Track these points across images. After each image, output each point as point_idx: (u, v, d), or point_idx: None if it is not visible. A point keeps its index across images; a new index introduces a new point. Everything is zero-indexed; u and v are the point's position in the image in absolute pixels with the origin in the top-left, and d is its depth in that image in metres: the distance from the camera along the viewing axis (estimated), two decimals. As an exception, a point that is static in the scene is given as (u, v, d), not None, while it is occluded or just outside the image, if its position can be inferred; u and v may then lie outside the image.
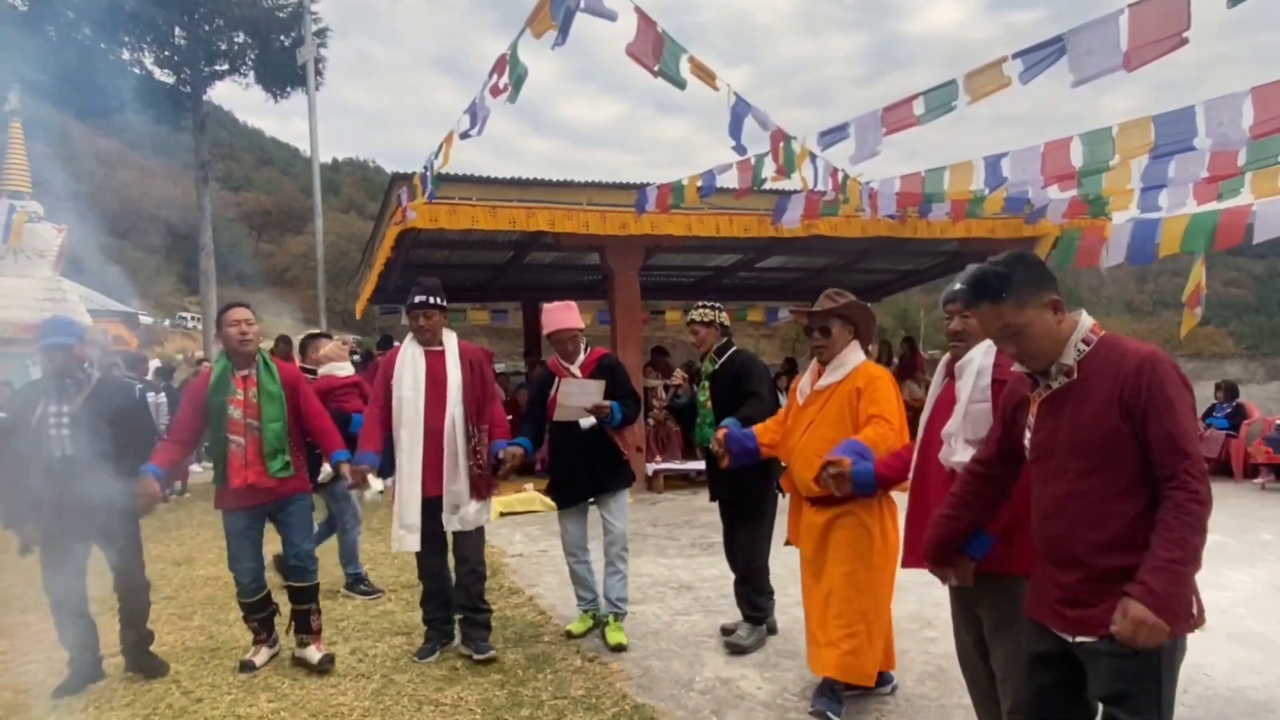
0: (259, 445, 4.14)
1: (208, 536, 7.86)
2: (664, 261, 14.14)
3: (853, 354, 3.64)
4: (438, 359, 4.38)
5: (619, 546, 4.67)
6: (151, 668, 4.23)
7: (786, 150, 6.34)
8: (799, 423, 3.71)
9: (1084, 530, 2.05)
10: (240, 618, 5.11)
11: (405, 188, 8.72)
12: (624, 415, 4.56)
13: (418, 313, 4.35)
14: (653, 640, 4.59)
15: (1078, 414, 2.07)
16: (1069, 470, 2.07)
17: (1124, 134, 4.79)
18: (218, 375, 4.23)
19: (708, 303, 4.69)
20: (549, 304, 4.75)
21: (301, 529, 4.31)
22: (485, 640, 4.38)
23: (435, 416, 4.27)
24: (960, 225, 10.22)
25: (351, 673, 4.18)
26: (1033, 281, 2.12)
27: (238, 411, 4.15)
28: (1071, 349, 2.12)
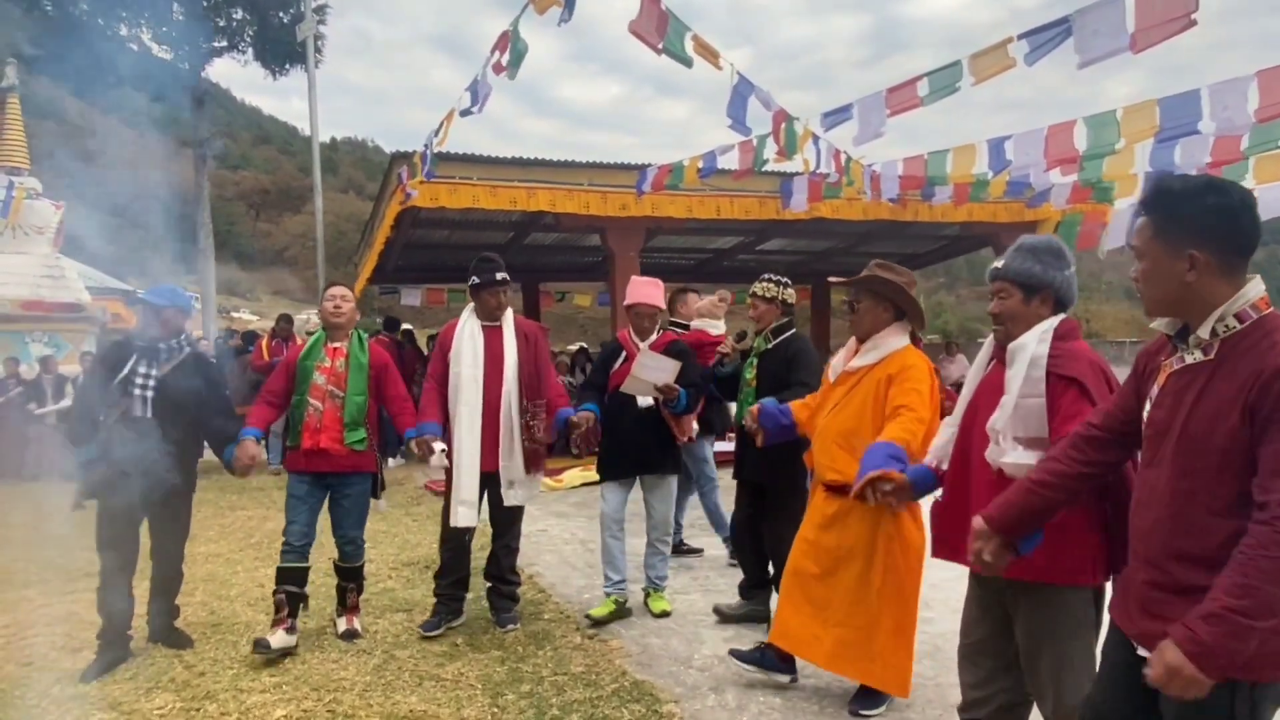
0: (338, 413, 4.24)
1: (208, 514, 7.88)
2: (665, 243, 14.14)
3: (893, 337, 3.35)
4: (496, 335, 4.42)
5: (661, 531, 4.71)
6: (178, 640, 4.29)
7: (789, 131, 6.32)
8: (825, 402, 3.53)
9: (1174, 532, 1.77)
10: (242, 594, 5.18)
11: (405, 166, 8.69)
12: (688, 403, 4.53)
13: (496, 289, 4.40)
14: (652, 619, 4.62)
15: (1201, 402, 1.74)
16: (1176, 462, 1.78)
17: (1128, 117, 4.78)
18: (312, 343, 4.37)
19: (774, 276, 4.46)
20: (638, 277, 4.77)
21: (355, 516, 4.37)
22: (510, 611, 4.48)
23: (493, 392, 4.32)
24: (962, 209, 10.22)
25: (353, 648, 4.21)
26: (1191, 223, 1.75)
27: (322, 378, 4.27)
28: (1215, 320, 1.75)
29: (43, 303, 13.40)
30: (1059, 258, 2.50)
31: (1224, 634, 1.59)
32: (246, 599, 5.08)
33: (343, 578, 4.47)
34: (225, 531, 7.12)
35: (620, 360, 4.66)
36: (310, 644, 4.28)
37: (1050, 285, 2.46)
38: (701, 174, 7.83)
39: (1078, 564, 2.29)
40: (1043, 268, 2.47)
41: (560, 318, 32.40)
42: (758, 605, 4.56)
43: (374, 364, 4.39)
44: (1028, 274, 2.47)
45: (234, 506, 8.11)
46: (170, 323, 4.16)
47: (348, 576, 4.46)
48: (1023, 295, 2.47)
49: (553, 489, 8.75)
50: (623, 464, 4.64)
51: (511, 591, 4.56)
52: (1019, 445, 2.33)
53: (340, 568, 4.47)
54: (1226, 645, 1.59)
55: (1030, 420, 2.33)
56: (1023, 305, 2.47)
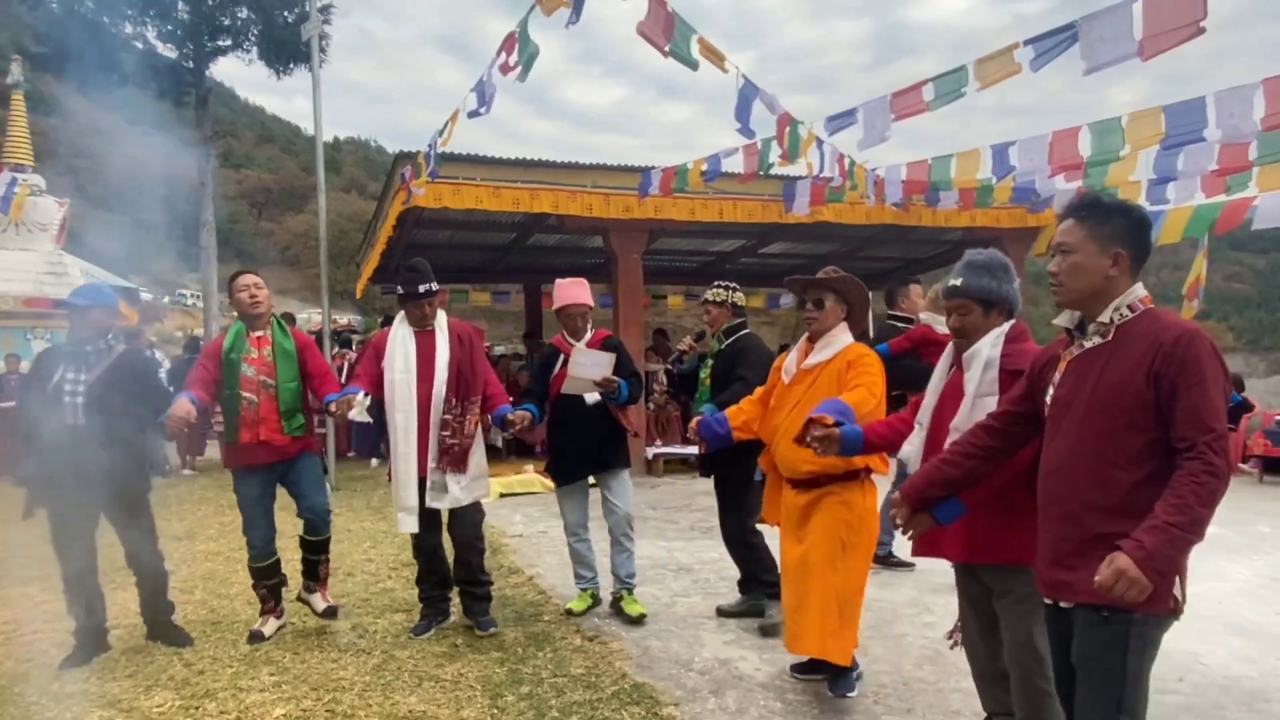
0: (274, 403, 4.21)
1: (209, 512, 7.89)
2: (667, 246, 14.12)
3: (842, 335, 3.61)
4: (428, 339, 4.38)
5: (624, 527, 4.71)
6: (175, 638, 4.28)
7: (793, 135, 6.31)
8: (784, 401, 3.65)
9: (1084, 488, 2.06)
10: (241, 592, 5.18)
11: (409, 166, 8.69)
12: (629, 393, 4.58)
13: (420, 303, 4.31)
14: (652, 621, 4.62)
15: (1104, 375, 2.07)
16: (1083, 428, 2.08)
17: (1134, 124, 4.78)
18: (233, 335, 4.31)
19: (723, 283, 4.70)
20: (561, 279, 4.77)
21: (314, 482, 4.37)
22: (486, 614, 4.43)
23: (424, 396, 4.29)
24: (965, 214, 10.23)
25: (353, 648, 4.21)
26: (1118, 229, 2.13)
27: (252, 369, 4.23)
28: (1113, 309, 2.12)
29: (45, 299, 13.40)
30: (1008, 271, 2.79)
31: (1165, 542, 1.89)
32: (246, 597, 5.07)
33: (310, 551, 4.44)
34: (225, 530, 7.12)
35: (558, 365, 4.67)
36: (310, 643, 4.27)
37: (1005, 299, 2.76)
38: (706, 177, 7.82)
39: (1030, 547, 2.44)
40: (998, 283, 2.75)
41: (562, 319, 32.25)
42: (754, 599, 4.64)
43: (299, 347, 4.37)
44: (986, 290, 2.75)
45: (234, 505, 8.07)
46: (97, 323, 4.08)
47: (316, 549, 4.44)
48: (982, 310, 2.76)
49: (552, 490, 8.74)
50: (577, 466, 4.68)
51: (485, 593, 4.48)
52: None
53: (309, 541, 4.43)
54: (1165, 553, 1.90)
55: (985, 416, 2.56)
56: (983, 319, 2.76)
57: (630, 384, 4.58)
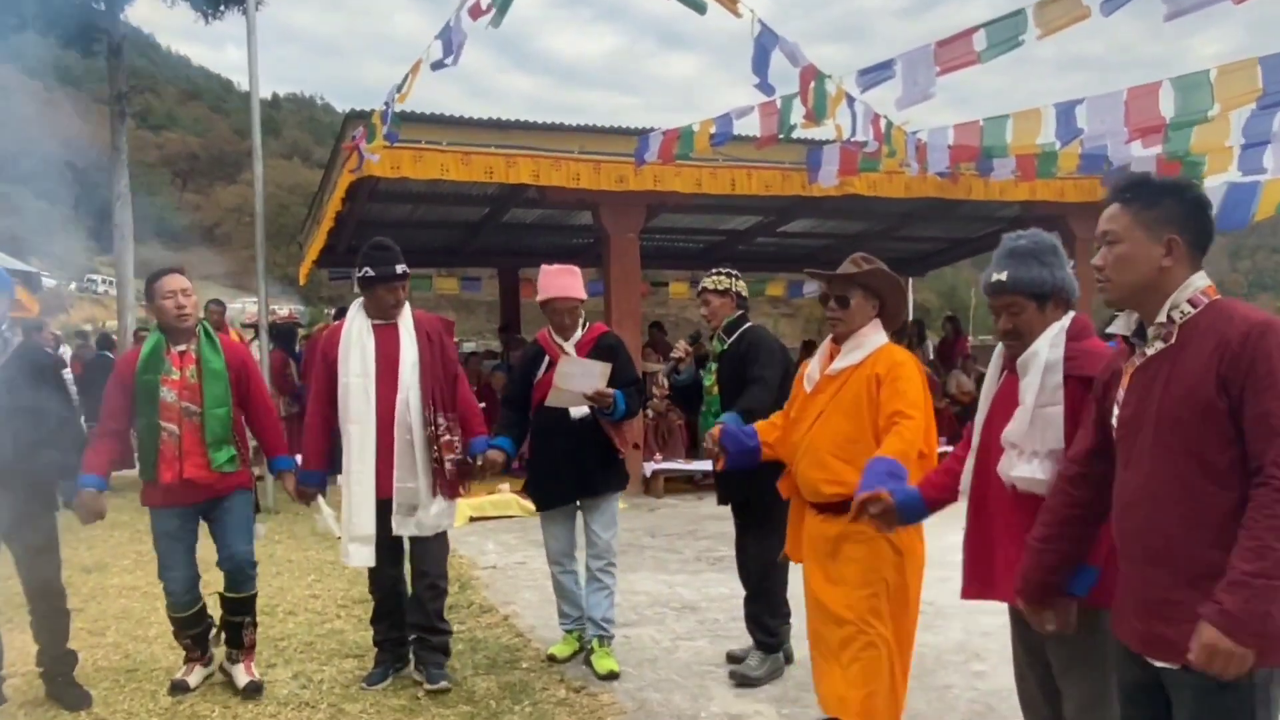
0: (199, 433, 4.14)
1: (122, 539, 7.88)
2: (668, 223, 14.11)
3: (873, 334, 3.58)
4: (389, 334, 4.33)
5: (605, 560, 4.71)
6: (72, 698, 4.18)
7: (818, 91, 6.33)
8: (806, 413, 3.64)
9: (1169, 522, 2.03)
10: (162, 634, 5.16)
11: (361, 128, 8.69)
12: (627, 406, 4.56)
13: (395, 285, 4.28)
14: (650, 669, 4.62)
15: (1170, 385, 2.05)
16: (1156, 451, 2.06)
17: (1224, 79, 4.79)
18: (149, 350, 4.20)
19: (724, 269, 4.71)
20: (549, 266, 4.75)
21: (239, 528, 4.31)
22: (441, 667, 4.39)
23: (387, 403, 4.24)
24: (1023, 186, 10.23)
25: (294, 700, 4.21)
26: (1170, 211, 2.13)
27: (171, 394, 4.14)
28: (1170, 306, 2.10)
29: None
30: (1057, 253, 2.73)
31: (1249, 598, 1.85)
32: (167, 640, 5.04)
33: (234, 611, 4.34)
34: (142, 560, 7.11)
35: (543, 367, 4.65)
36: (242, 695, 4.26)
37: (1061, 288, 2.70)
38: (715, 141, 7.83)
39: (1106, 585, 2.43)
40: (1050, 270, 2.69)
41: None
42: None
43: (231, 365, 4.27)
44: (1038, 282, 2.68)
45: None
46: None
47: (240, 609, 4.34)
48: (1036, 305, 2.69)
49: (533, 514, 8.74)
50: (560, 489, 4.67)
51: (443, 643, 4.45)
52: (1035, 458, 2.56)
53: (229, 599, 4.34)
54: (1254, 610, 1.85)
55: (1049, 431, 2.55)
56: (1039, 315, 2.69)
57: (627, 394, 4.57)
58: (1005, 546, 2.65)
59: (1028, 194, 10.88)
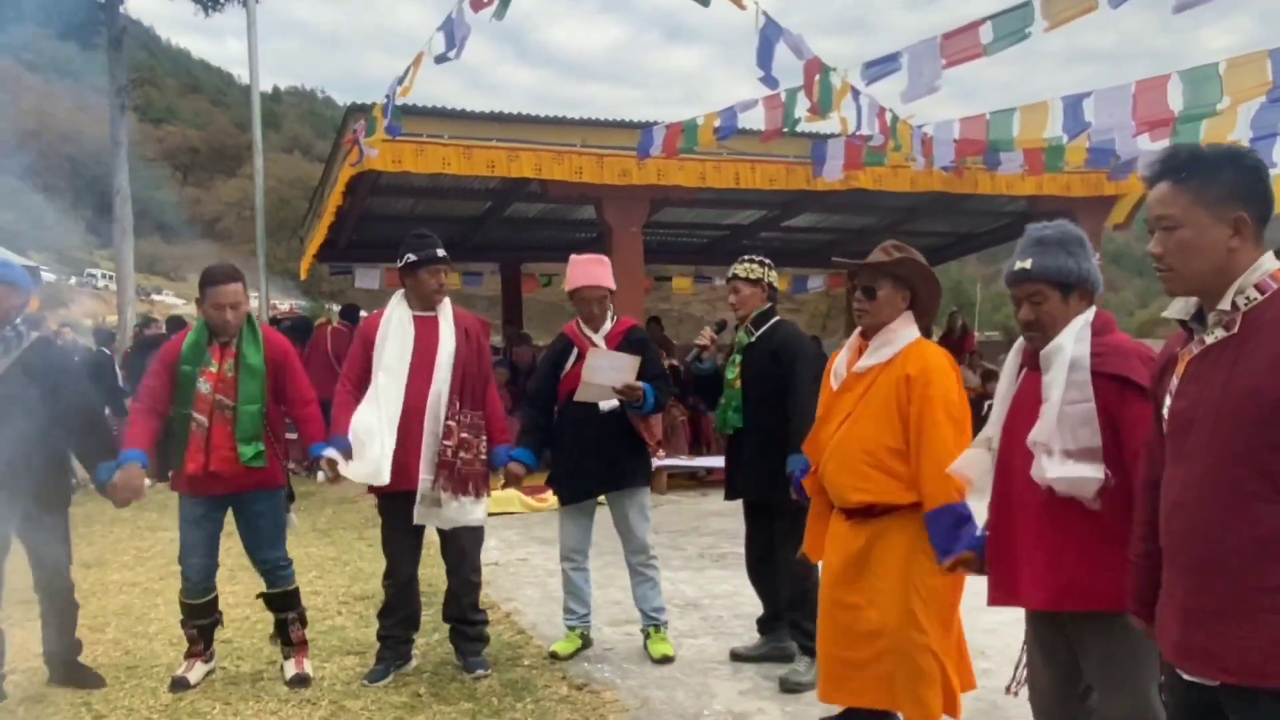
0: (229, 427, 4.18)
1: (122, 535, 7.90)
2: (672, 218, 14.12)
3: (904, 329, 3.43)
4: (429, 326, 4.39)
5: (645, 554, 4.75)
6: (83, 679, 4.29)
7: (823, 84, 6.33)
8: (833, 413, 3.53)
9: (1220, 528, 1.88)
10: (162, 630, 5.18)
11: (362, 121, 8.69)
12: (656, 400, 4.56)
13: (437, 268, 4.35)
14: (652, 666, 4.63)
15: (1234, 377, 1.87)
16: (1211, 449, 1.90)
17: (1233, 71, 4.78)
18: (192, 341, 4.27)
19: (757, 257, 4.59)
20: (578, 255, 4.77)
21: (269, 534, 4.36)
22: (478, 654, 4.50)
23: (418, 394, 4.29)
24: (1030, 181, 10.22)
25: (295, 697, 4.21)
26: (1233, 184, 1.94)
27: (207, 385, 4.19)
28: (1235, 292, 1.92)
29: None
30: (1084, 245, 2.67)
31: None
32: (168, 636, 5.07)
33: (276, 608, 4.45)
34: (143, 556, 7.13)
35: (571, 360, 4.67)
36: (244, 692, 4.28)
37: (1086, 279, 2.62)
38: (719, 135, 7.83)
39: None
40: (1075, 261, 2.62)
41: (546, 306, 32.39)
42: (778, 641, 4.60)
43: (270, 359, 4.31)
44: (1064, 271, 2.60)
45: (154, 526, 8.11)
46: (7, 303, 4.05)
47: (283, 605, 4.44)
48: (1060, 295, 2.61)
49: (535, 510, 8.76)
50: (584, 483, 4.68)
51: (479, 632, 4.57)
52: (1069, 458, 2.46)
53: (272, 596, 4.45)
54: None
55: (1080, 429, 2.45)
56: (1062, 306, 2.61)
57: (657, 389, 4.57)
58: (1030, 551, 2.58)
59: (1034, 188, 10.88)
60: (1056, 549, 2.50)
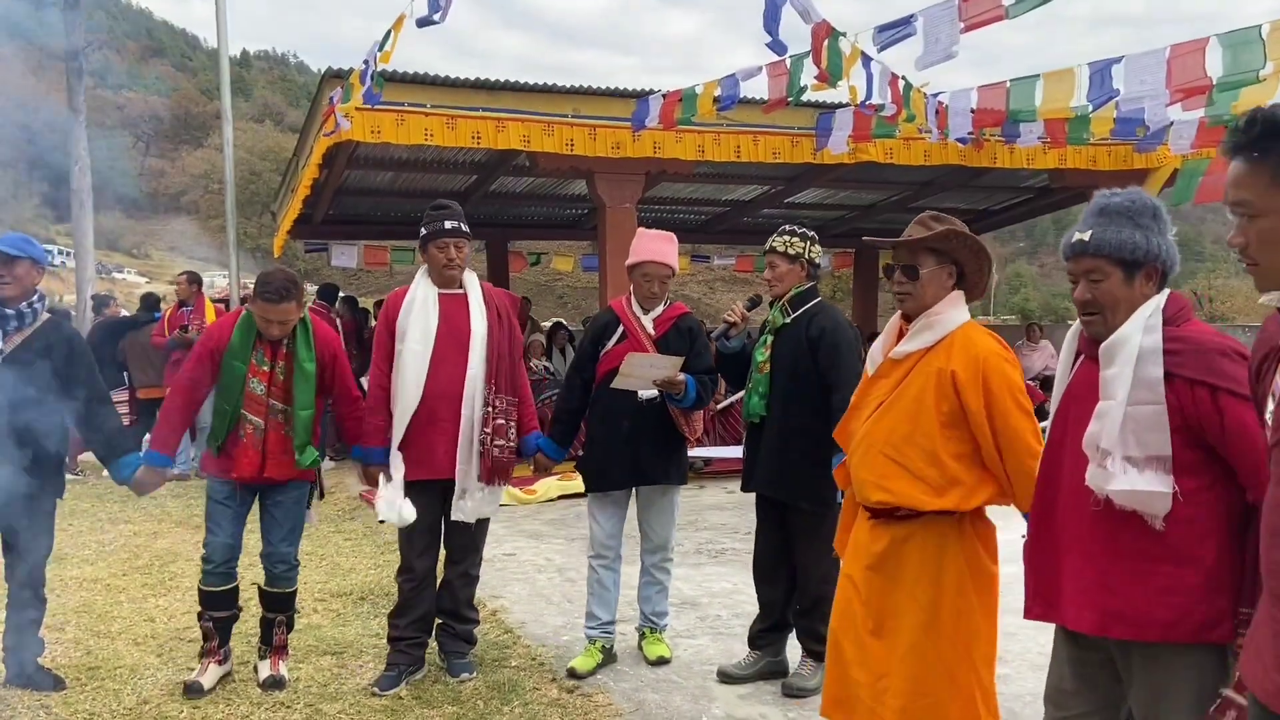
0: (284, 431, 4.25)
1: (82, 528, 7.87)
2: (669, 193, 14.10)
3: (950, 311, 3.17)
4: (457, 305, 4.38)
5: (662, 556, 4.76)
6: (42, 681, 4.29)
7: (832, 50, 6.30)
8: (865, 400, 3.33)
9: None
10: (125, 629, 5.17)
11: (339, 89, 8.63)
12: (698, 395, 4.52)
13: (447, 241, 4.33)
14: (648, 668, 4.63)
15: None
16: None
17: (1278, 35, 4.75)
18: (241, 334, 4.26)
19: (799, 229, 4.43)
20: (646, 230, 4.75)
21: (288, 526, 4.40)
22: (464, 656, 4.51)
23: (451, 379, 4.28)
24: (1052, 154, 10.19)
25: (269, 700, 4.21)
26: None
27: (261, 386, 4.23)
28: None
29: None
30: (1158, 219, 2.43)
31: None
32: (131, 636, 5.07)
33: (269, 607, 4.47)
34: (104, 551, 7.11)
35: (615, 337, 4.61)
36: (214, 694, 4.28)
37: (1157, 256, 2.39)
38: (720, 105, 7.80)
39: (1206, 616, 2.24)
40: (1144, 235, 2.40)
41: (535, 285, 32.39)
42: (774, 656, 4.53)
43: (322, 360, 4.36)
44: (1129, 245, 2.39)
45: (116, 519, 8.10)
46: (23, 280, 4.10)
47: (276, 605, 4.46)
48: (1123, 274, 2.40)
49: (524, 502, 8.76)
50: (616, 472, 4.61)
51: (468, 632, 4.57)
52: (1131, 466, 2.28)
53: (268, 594, 4.46)
54: None
55: (1148, 434, 2.26)
56: (1125, 286, 2.40)
57: (701, 383, 4.52)
58: (1078, 565, 2.43)
59: (1057, 162, 10.84)
60: (1108, 567, 2.34)
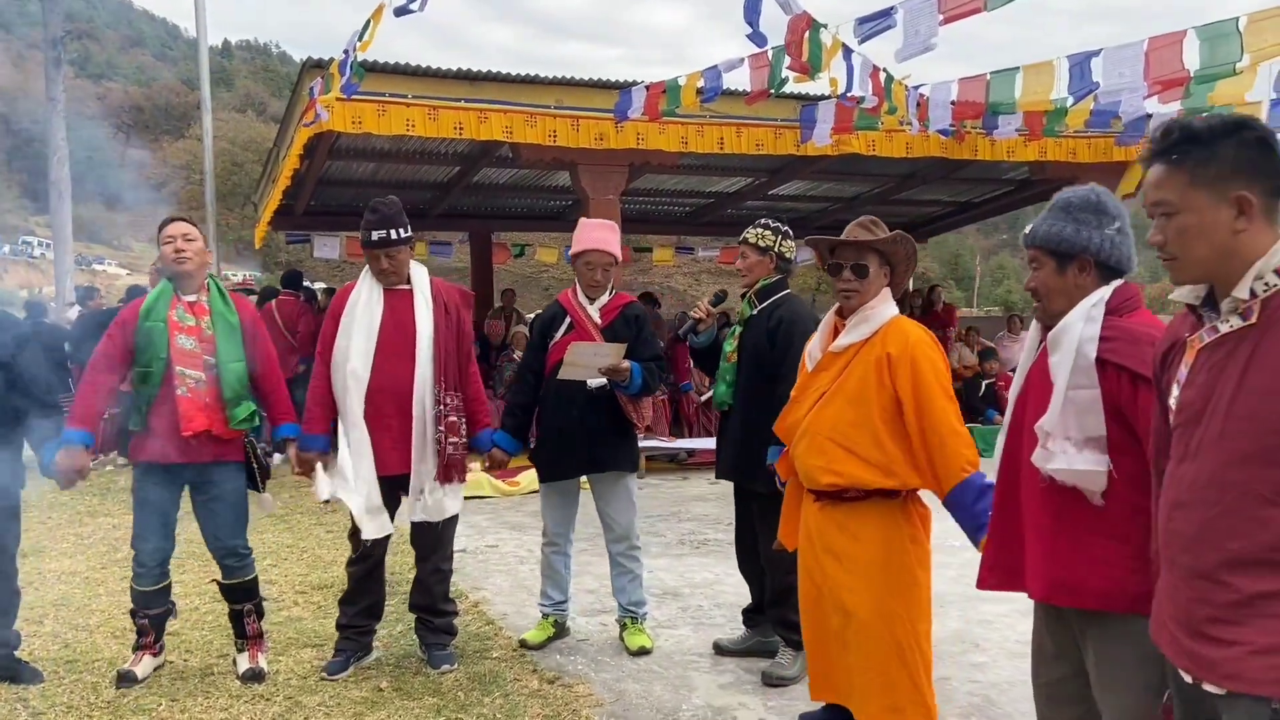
0: (217, 388, 4.19)
1: (61, 521, 7.84)
2: (652, 184, 14.10)
3: (883, 305, 3.50)
4: (402, 301, 4.37)
5: (627, 544, 4.79)
6: (21, 673, 4.28)
7: (813, 42, 6.31)
8: (806, 393, 3.58)
9: (1218, 534, 1.87)
10: (104, 622, 5.16)
11: (320, 79, 8.59)
12: (644, 381, 4.58)
13: (378, 253, 4.31)
14: (629, 659, 4.65)
15: (1249, 374, 1.84)
16: (1220, 449, 1.87)
17: (1255, 28, 4.78)
18: (155, 296, 4.26)
19: (772, 222, 4.56)
20: (587, 219, 4.82)
21: (233, 519, 4.35)
22: (445, 648, 4.51)
23: (397, 376, 4.28)
24: (1032, 146, 10.24)
25: (248, 693, 4.21)
26: (1233, 159, 1.89)
27: (190, 340, 4.18)
28: (1254, 278, 1.86)
29: None
30: (1099, 213, 2.57)
31: None
32: (110, 629, 5.05)
33: (232, 599, 4.43)
34: (83, 544, 7.08)
35: (563, 329, 4.69)
36: (193, 687, 4.27)
37: (1087, 249, 2.54)
38: (703, 97, 7.79)
39: (1140, 589, 2.33)
40: (1076, 228, 2.55)
41: (519, 277, 32.37)
42: (763, 635, 4.63)
43: (245, 322, 4.36)
44: (1058, 237, 2.56)
45: (94, 511, 8.06)
46: None
47: (239, 596, 4.42)
48: (1056, 264, 2.57)
49: (506, 494, 8.77)
50: (566, 461, 4.70)
51: (447, 624, 4.59)
52: (1071, 446, 2.43)
53: (227, 587, 4.43)
54: None
55: (1085, 416, 2.41)
56: (1057, 276, 2.57)
57: (647, 370, 4.59)
58: (1031, 537, 2.59)
59: (1037, 154, 10.91)
60: (1054, 540, 2.51)
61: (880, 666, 3.37)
